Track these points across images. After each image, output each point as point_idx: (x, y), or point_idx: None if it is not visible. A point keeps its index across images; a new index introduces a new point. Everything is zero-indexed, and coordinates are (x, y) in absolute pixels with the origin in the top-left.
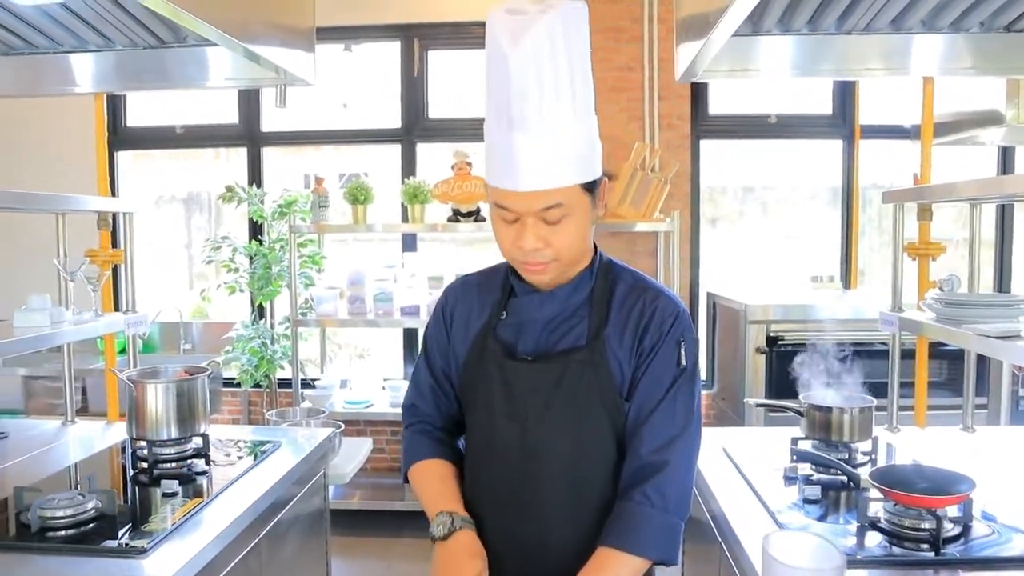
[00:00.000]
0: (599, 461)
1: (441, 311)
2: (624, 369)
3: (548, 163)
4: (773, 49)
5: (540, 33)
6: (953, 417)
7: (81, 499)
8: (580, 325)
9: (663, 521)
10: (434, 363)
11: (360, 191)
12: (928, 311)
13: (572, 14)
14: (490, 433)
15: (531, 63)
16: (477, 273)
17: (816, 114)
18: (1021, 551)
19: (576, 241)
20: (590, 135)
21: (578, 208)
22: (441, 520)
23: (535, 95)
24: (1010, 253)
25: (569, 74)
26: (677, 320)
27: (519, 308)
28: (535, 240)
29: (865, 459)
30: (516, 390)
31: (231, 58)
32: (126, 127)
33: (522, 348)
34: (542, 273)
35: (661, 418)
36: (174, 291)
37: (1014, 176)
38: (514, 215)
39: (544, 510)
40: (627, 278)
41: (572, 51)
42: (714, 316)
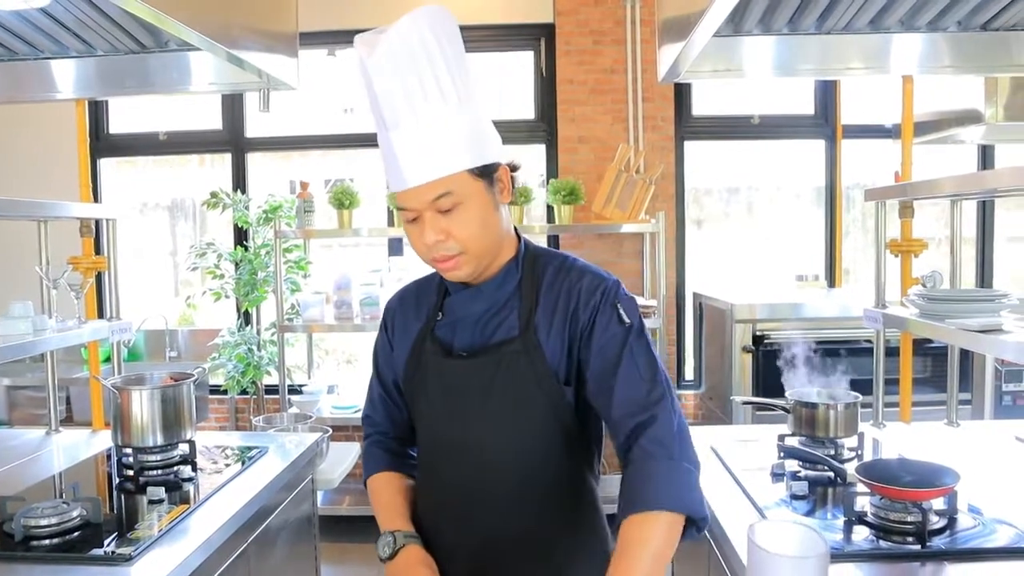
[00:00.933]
0: (544, 449)
1: (384, 323)
2: (558, 354)
3: (426, 155)
4: (755, 49)
5: (392, 39)
6: (938, 413)
7: (66, 507)
8: (511, 316)
9: (672, 468)
10: (383, 374)
11: (345, 195)
12: (911, 307)
13: (429, 17)
14: (434, 433)
15: (388, 66)
16: (414, 282)
17: (798, 114)
18: (1005, 542)
19: (478, 229)
20: (473, 123)
21: (472, 195)
22: (385, 541)
23: (400, 95)
24: (991, 250)
25: (431, 69)
26: (605, 291)
27: (453, 306)
28: (434, 232)
29: (851, 455)
30: (454, 387)
31: (214, 63)
32: (108, 134)
33: (458, 345)
34: (455, 268)
35: (627, 379)
36: (159, 299)
37: (994, 171)
38: (413, 213)
39: (494, 503)
40: (555, 262)
41: (432, 48)
42: (700, 316)
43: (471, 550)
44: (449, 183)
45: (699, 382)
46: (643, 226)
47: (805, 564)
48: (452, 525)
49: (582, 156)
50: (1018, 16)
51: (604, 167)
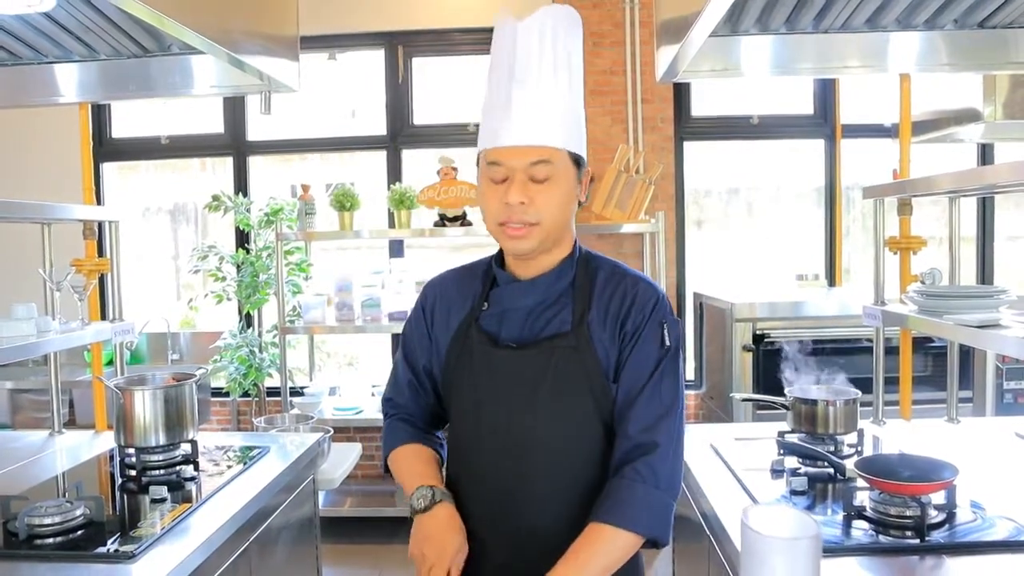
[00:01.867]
0: (586, 445)
1: (421, 308)
2: (609, 353)
3: (542, 120)
4: (752, 49)
5: (543, 17)
6: (938, 411)
7: (69, 506)
8: (563, 312)
9: (654, 498)
10: (414, 359)
11: (347, 198)
12: (910, 304)
13: (568, 16)
14: (476, 421)
15: (535, 33)
16: (457, 268)
17: (798, 114)
18: (1004, 535)
19: (558, 208)
20: (579, 114)
21: (564, 175)
22: (422, 493)
23: (536, 58)
24: (991, 248)
25: (566, 57)
26: (658, 303)
27: (501, 297)
28: (520, 194)
29: (851, 451)
30: (501, 378)
31: (216, 66)
32: (111, 138)
33: (505, 336)
34: (524, 238)
35: (648, 399)
36: (161, 302)
37: (992, 167)
38: (504, 173)
39: (532, 495)
40: (606, 266)
41: (568, 42)
42: (701, 316)
43: (508, 541)
44: (552, 154)
45: (700, 382)
46: (643, 226)
47: (797, 545)
48: (487, 513)
49: None
50: (1015, 13)
51: (604, 168)
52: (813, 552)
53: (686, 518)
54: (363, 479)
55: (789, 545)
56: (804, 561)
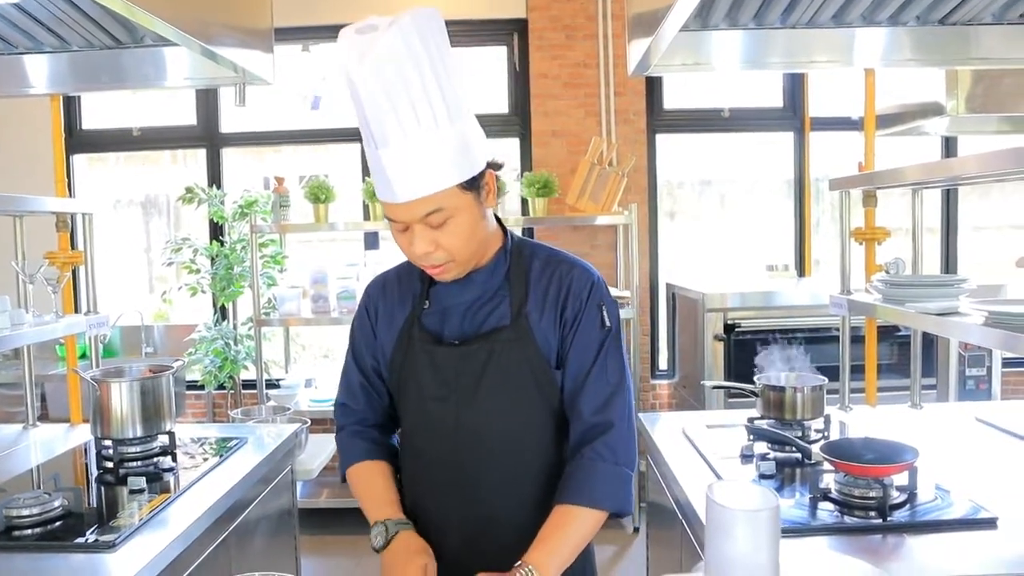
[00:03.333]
0: (535, 434)
1: (365, 308)
2: (551, 341)
3: (418, 173)
4: (722, 43)
5: (383, 51)
6: (902, 397)
7: (47, 498)
8: (502, 305)
9: (615, 473)
10: (362, 360)
11: (321, 190)
12: (875, 293)
13: (421, 22)
14: (424, 419)
15: (378, 84)
16: (395, 268)
17: (767, 107)
18: (961, 514)
19: (466, 240)
20: (462, 136)
21: (460, 208)
22: (377, 531)
23: (389, 113)
24: (955, 239)
25: (421, 84)
26: (594, 287)
27: (441, 296)
28: (424, 244)
29: (818, 436)
30: (446, 374)
31: (189, 58)
32: (81, 130)
33: (448, 333)
34: (443, 273)
35: (597, 380)
36: (134, 295)
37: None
38: (403, 224)
39: (484, 487)
40: (541, 254)
41: (423, 60)
42: (673, 306)
43: (462, 531)
44: (439, 200)
45: (672, 371)
46: (616, 218)
47: (758, 516)
48: (443, 507)
49: (555, 149)
50: (975, 10)
51: (577, 160)
52: (772, 522)
53: (659, 504)
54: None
55: (750, 516)
56: (765, 531)
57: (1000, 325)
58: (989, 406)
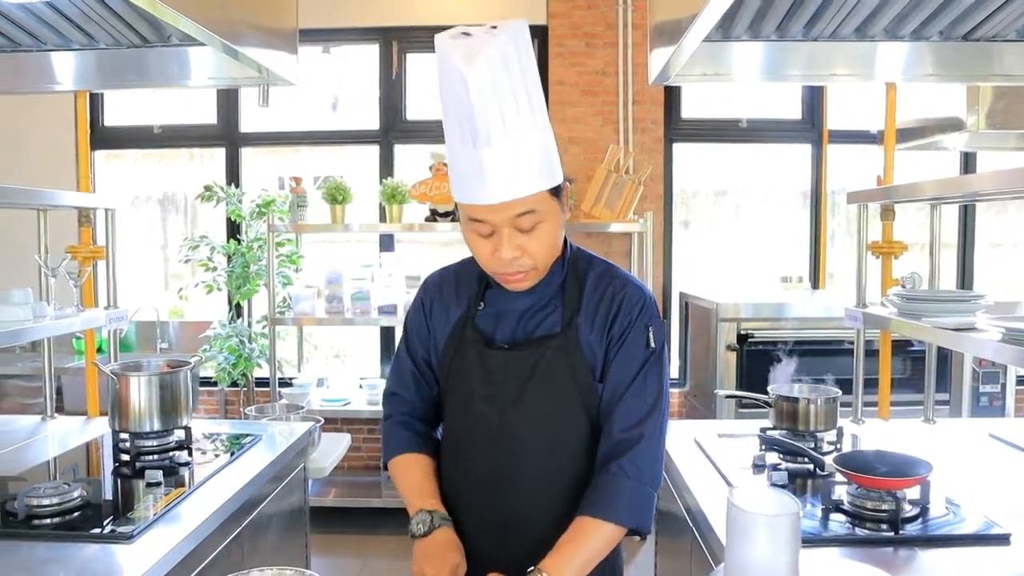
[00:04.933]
0: (572, 441)
1: (421, 302)
2: (596, 353)
3: (516, 174)
4: (743, 54)
5: (494, 52)
6: (915, 412)
7: (67, 488)
8: (554, 314)
9: (638, 491)
10: (415, 351)
11: (339, 191)
12: (890, 306)
13: (517, 31)
14: (469, 417)
15: (488, 82)
16: (454, 265)
17: (786, 119)
18: (974, 529)
19: (550, 246)
20: (549, 142)
21: (549, 213)
22: (421, 519)
23: (496, 112)
24: (972, 255)
25: (524, 87)
26: (644, 307)
27: (496, 299)
28: (512, 249)
29: (831, 448)
30: (494, 376)
31: (213, 57)
32: (103, 126)
33: (500, 336)
34: (523, 281)
35: (633, 397)
36: (149, 291)
37: (975, 175)
38: (489, 228)
39: (520, 489)
40: (597, 268)
41: (523, 65)
42: (686, 315)
43: (492, 532)
44: (533, 201)
45: (684, 380)
46: (631, 226)
47: (778, 521)
48: (477, 506)
49: (573, 156)
50: (998, 27)
51: (594, 167)
52: (792, 528)
53: (669, 512)
54: (348, 470)
55: (770, 521)
56: (785, 535)
57: (1017, 342)
58: (1003, 423)
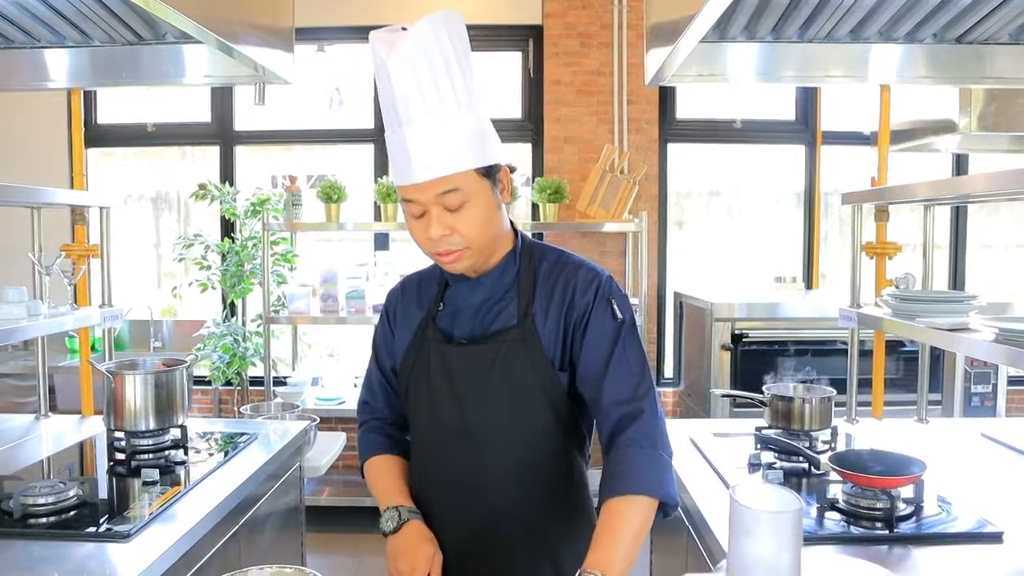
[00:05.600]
0: (538, 433)
1: (385, 312)
2: (555, 342)
3: (438, 152)
4: (739, 56)
5: (410, 40)
6: (908, 412)
7: (63, 487)
8: (510, 306)
9: (655, 458)
10: (383, 362)
11: (333, 190)
12: (884, 307)
13: (445, 20)
14: (433, 416)
15: (407, 66)
16: (416, 273)
17: (780, 120)
18: (967, 527)
19: (481, 226)
20: (478, 124)
21: (477, 193)
22: (389, 515)
23: (415, 92)
24: (963, 256)
25: (445, 69)
26: (600, 285)
27: (454, 297)
28: (440, 228)
29: (825, 447)
30: (455, 373)
31: (209, 55)
32: (96, 124)
33: (458, 333)
34: (456, 261)
35: (617, 371)
36: (142, 290)
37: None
38: (420, 208)
39: (489, 484)
40: (550, 256)
41: (446, 49)
42: (681, 315)
43: (467, 530)
44: (457, 180)
45: (678, 379)
46: (626, 225)
47: (781, 518)
48: (449, 505)
49: (567, 156)
50: (991, 30)
51: (589, 167)
52: (795, 524)
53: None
54: (343, 469)
55: (773, 518)
56: (788, 533)
57: (1010, 342)
58: (995, 422)
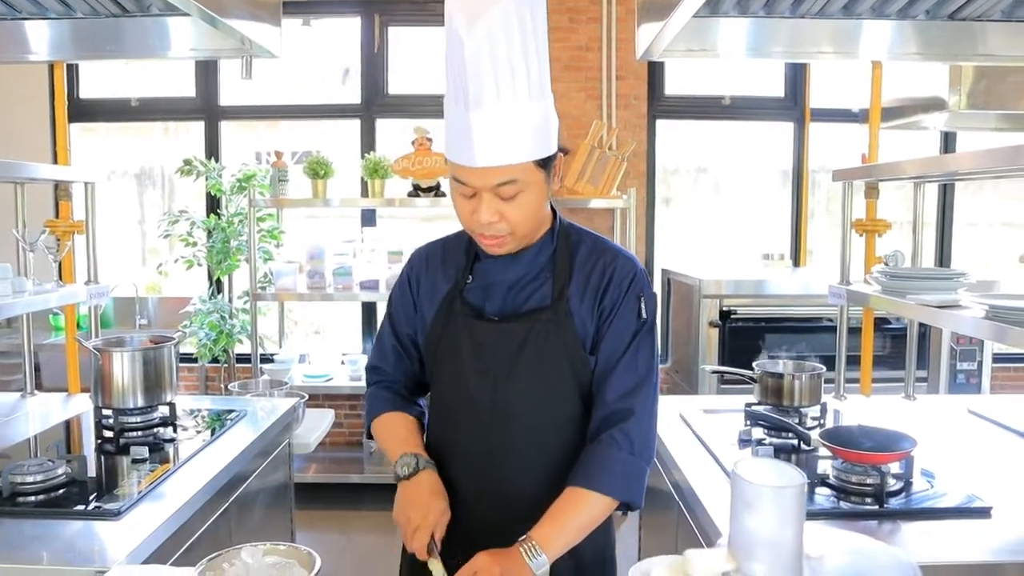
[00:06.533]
0: (564, 414)
1: (407, 277)
2: (587, 326)
3: (502, 141)
4: (730, 31)
5: (495, 16)
6: (895, 388)
7: (51, 465)
8: (544, 286)
9: (629, 463)
10: (399, 327)
11: (320, 166)
12: (874, 284)
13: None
14: (460, 390)
15: (485, 46)
16: (441, 240)
17: (768, 96)
18: (955, 503)
19: (530, 216)
20: (545, 113)
21: (532, 184)
22: (406, 460)
23: (490, 77)
24: (950, 233)
25: (523, 55)
26: (635, 278)
27: (485, 271)
28: (490, 214)
29: (814, 423)
30: (485, 349)
31: (194, 28)
32: (78, 98)
33: (489, 309)
34: (499, 247)
35: (625, 368)
36: (127, 266)
37: (955, 155)
38: (471, 190)
39: (512, 460)
40: (587, 240)
41: (527, 32)
42: (669, 291)
43: (484, 503)
44: (517, 171)
45: (666, 356)
46: (614, 202)
47: (784, 493)
48: (468, 478)
49: None
50: (984, 7)
51: (577, 143)
52: (798, 499)
53: (654, 487)
54: (330, 446)
55: (776, 492)
56: (791, 508)
57: (999, 319)
58: (981, 399)
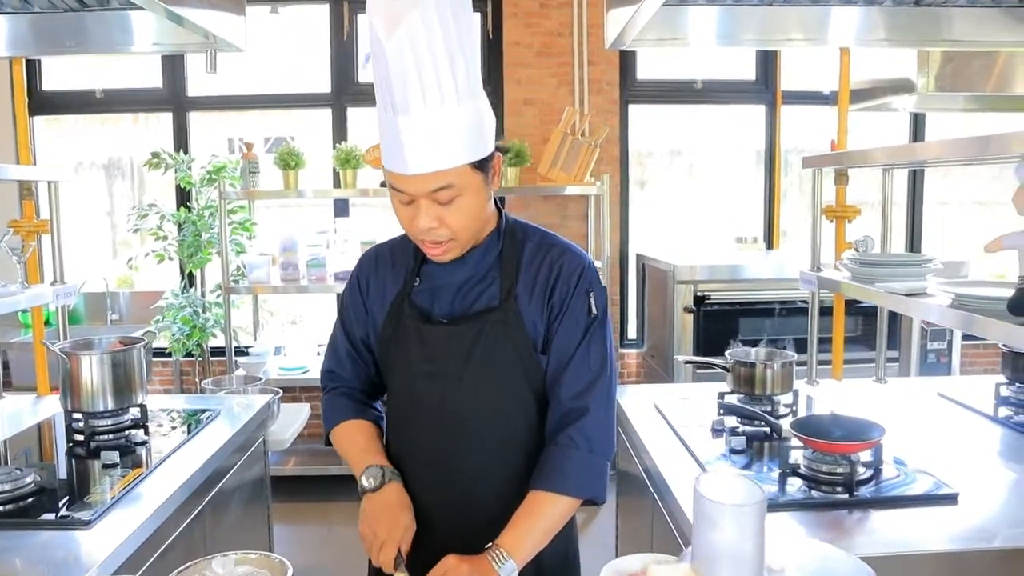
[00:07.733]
0: (518, 416)
1: (356, 280)
2: (537, 325)
3: (433, 146)
4: (700, 19)
5: (415, 19)
6: (868, 370)
7: (19, 473)
8: (492, 286)
9: (588, 461)
10: (351, 330)
11: (291, 156)
12: (844, 270)
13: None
14: (411, 395)
15: (407, 50)
16: (389, 241)
17: (740, 80)
18: (924, 490)
19: (471, 219)
20: (477, 114)
21: (469, 187)
22: (372, 472)
23: (415, 81)
24: (920, 215)
25: (448, 57)
26: (583, 273)
27: (432, 274)
28: (429, 220)
29: (787, 411)
30: (434, 353)
31: (156, 22)
32: (41, 91)
33: (438, 312)
34: (443, 254)
35: (578, 365)
36: (97, 260)
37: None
38: (408, 196)
39: (467, 465)
40: (534, 237)
41: (450, 34)
42: (643, 277)
43: (443, 508)
44: (451, 176)
45: (641, 341)
46: (588, 188)
47: (744, 510)
48: (424, 481)
49: (528, 119)
50: None
51: (550, 130)
52: (758, 516)
53: (630, 474)
54: (308, 438)
55: (736, 510)
56: (751, 523)
57: (965, 307)
58: (950, 381)
